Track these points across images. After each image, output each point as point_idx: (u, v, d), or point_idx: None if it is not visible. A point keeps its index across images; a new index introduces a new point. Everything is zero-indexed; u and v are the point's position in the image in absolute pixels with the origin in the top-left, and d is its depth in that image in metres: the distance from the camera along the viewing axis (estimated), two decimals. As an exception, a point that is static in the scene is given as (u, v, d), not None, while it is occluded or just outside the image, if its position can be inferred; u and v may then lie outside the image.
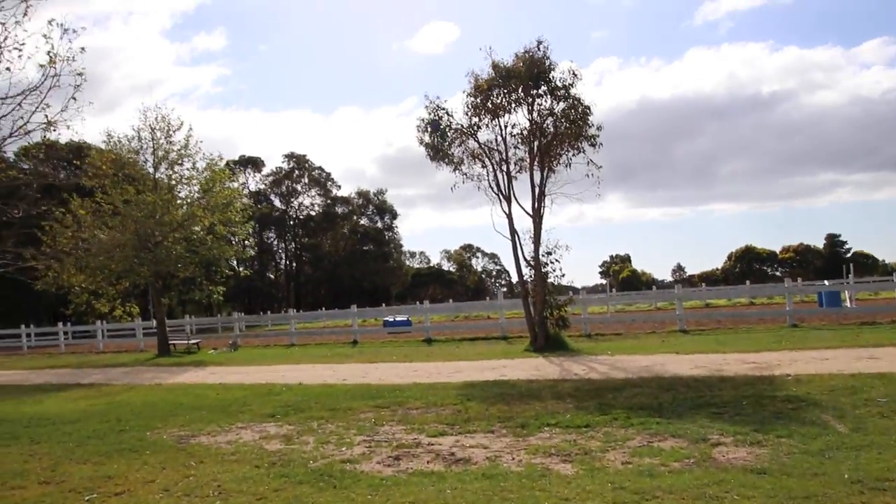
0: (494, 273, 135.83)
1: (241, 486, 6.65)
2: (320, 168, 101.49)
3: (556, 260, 19.74)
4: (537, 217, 19.67)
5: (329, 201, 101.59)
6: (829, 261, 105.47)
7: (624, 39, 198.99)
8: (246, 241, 30.78)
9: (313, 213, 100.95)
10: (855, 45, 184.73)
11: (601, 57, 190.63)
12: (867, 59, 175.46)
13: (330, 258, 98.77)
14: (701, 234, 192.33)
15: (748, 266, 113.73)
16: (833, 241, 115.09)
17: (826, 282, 42.99)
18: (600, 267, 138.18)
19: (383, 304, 66.08)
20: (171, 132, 28.83)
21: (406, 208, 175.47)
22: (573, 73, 19.37)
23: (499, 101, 19.66)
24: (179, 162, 29.17)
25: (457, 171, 20.32)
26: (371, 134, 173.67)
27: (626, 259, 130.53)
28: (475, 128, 19.99)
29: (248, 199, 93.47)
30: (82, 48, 14.95)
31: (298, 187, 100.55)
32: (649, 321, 26.44)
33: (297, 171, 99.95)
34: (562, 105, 19.50)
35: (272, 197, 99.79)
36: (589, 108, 19.43)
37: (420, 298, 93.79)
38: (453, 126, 20.21)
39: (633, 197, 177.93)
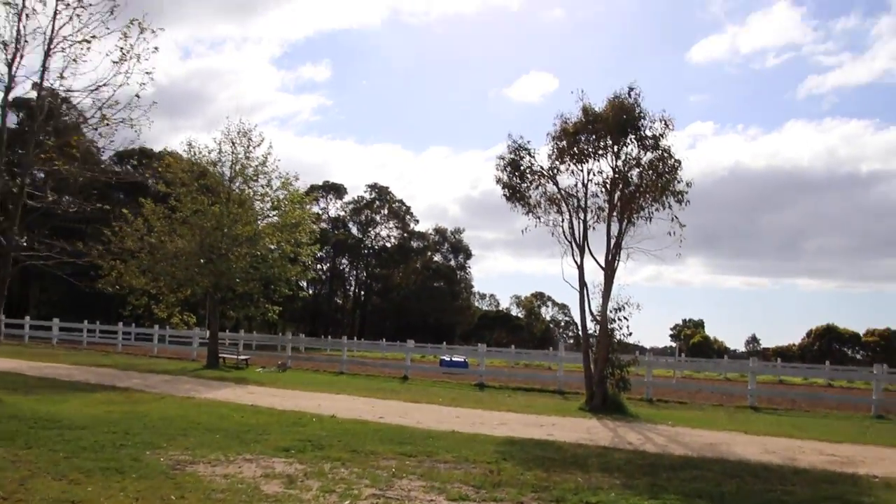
0: (563, 324, 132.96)
1: (208, 535, 5.67)
2: (401, 201, 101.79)
3: (625, 317, 18.36)
4: (610, 270, 18.41)
5: (405, 234, 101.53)
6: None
7: (722, 105, 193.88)
8: (309, 263, 30.03)
9: (389, 245, 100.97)
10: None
11: (698, 121, 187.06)
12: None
13: (399, 290, 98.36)
14: (780, 307, 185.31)
15: (828, 345, 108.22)
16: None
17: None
18: (671, 329, 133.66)
19: (444, 343, 64.93)
20: (251, 147, 28.69)
21: (483, 250, 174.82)
22: (664, 123, 18.21)
23: (585, 147, 18.63)
24: (255, 178, 28.95)
25: (531, 215, 19.28)
26: (458, 175, 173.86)
27: (699, 324, 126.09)
28: (555, 170, 18.98)
29: (327, 223, 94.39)
30: (156, 48, 14.68)
31: (377, 218, 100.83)
32: (717, 392, 24.67)
33: (377, 202, 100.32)
34: (650, 156, 18.34)
35: (350, 224, 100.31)
36: (679, 162, 18.20)
37: (485, 341, 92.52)
38: (534, 168, 19.27)
39: (715, 263, 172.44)
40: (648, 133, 18.06)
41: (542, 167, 19.08)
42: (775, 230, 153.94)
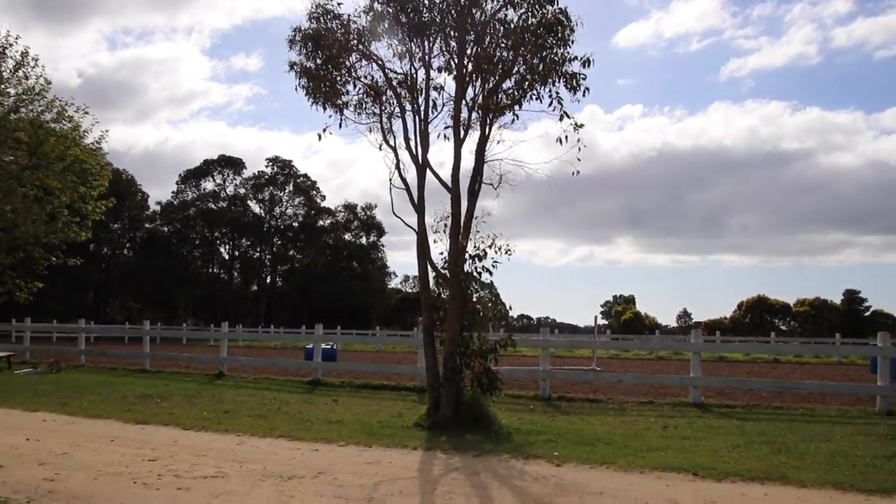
0: (490, 301, 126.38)
1: None
2: (305, 175, 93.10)
3: (487, 269, 11.14)
4: (457, 194, 11.12)
5: (312, 212, 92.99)
6: (847, 318, 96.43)
7: (649, 88, 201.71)
8: (90, 221, 21.96)
9: (295, 224, 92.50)
10: (877, 111, 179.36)
11: (627, 104, 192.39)
12: (888, 125, 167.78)
13: (306, 273, 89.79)
14: (708, 282, 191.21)
15: (759, 317, 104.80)
16: (852, 297, 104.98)
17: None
18: (602, 307, 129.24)
19: (338, 328, 57.64)
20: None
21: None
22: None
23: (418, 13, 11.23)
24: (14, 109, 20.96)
25: (332, 108, 11.78)
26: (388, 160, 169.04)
27: (630, 300, 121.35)
28: (370, 37, 11.57)
29: (224, 202, 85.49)
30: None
31: (283, 195, 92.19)
32: (645, 383, 17.75)
33: (280, 177, 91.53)
34: (519, 12, 11.05)
35: (251, 202, 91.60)
36: (568, 21, 10.93)
37: (409, 324, 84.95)
38: (349, 44, 11.74)
39: (644, 242, 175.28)
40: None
41: (355, 38, 11.62)
42: (700, 208, 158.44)
